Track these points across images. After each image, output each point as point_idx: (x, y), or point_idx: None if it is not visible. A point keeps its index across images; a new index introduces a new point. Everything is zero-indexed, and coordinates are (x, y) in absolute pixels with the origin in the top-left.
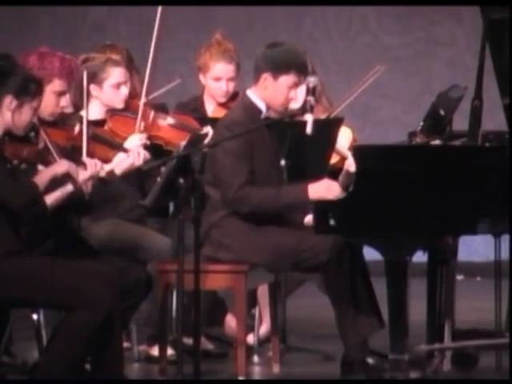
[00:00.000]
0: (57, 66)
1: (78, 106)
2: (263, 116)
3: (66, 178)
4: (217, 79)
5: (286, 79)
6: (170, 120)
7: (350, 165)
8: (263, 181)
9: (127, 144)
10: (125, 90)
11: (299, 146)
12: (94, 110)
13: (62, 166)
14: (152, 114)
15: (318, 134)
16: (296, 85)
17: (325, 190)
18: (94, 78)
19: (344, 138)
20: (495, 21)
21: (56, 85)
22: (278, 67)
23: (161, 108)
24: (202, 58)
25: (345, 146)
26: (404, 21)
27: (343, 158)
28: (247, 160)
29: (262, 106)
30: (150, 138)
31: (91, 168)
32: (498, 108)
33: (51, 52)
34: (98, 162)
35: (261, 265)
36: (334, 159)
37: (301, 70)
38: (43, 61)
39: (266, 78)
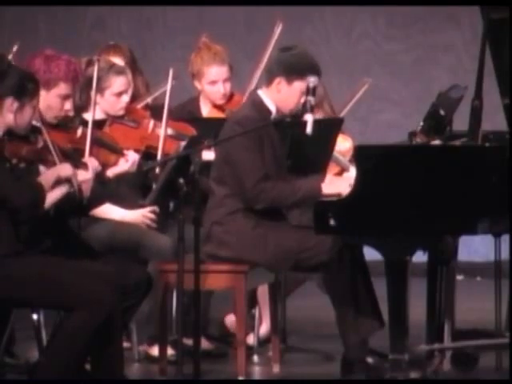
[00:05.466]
0: (63, 70)
1: (79, 108)
2: (273, 117)
3: (66, 180)
4: (213, 83)
5: (300, 84)
6: (169, 131)
7: (351, 178)
8: (270, 178)
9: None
10: (126, 98)
11: (299, 146)
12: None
13: (65, 169)
14: (151, 123)
15: (317, 134)
16: None
17: (337, 185)
18: (96, 84)
19: (343, 146)
20: (495, 21)
21: (61, 88)
22: (292, 72)
23: (160, 109)
24: (194, 64)
25: (346, 158)
26: (404, 26)
27: (343, 170)
28: (261, 155)
29: (272, 107)
30: (148, 147)
31: (92, 169)
32: (498, 109)
33: (57, 55)
34: (96, 163)
35: (261, 264)
36: (334, 170)
37: (314, 74)
38: (49, 64)
39: (280, 82)
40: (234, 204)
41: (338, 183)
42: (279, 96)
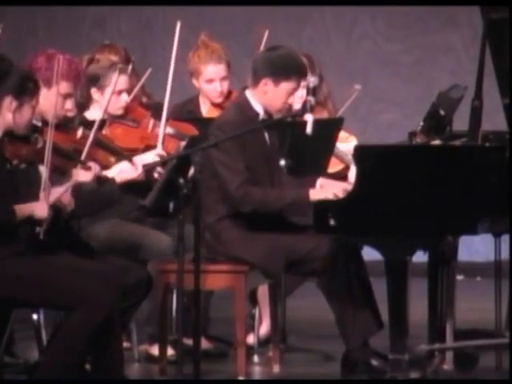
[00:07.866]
0: (65, 68)
1: (79, 105)
2: (261, 118)
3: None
4: (210, 81)
5: (287, 85)
6: (169, 130)
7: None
8: (254, 180)
9: (142, 157)
10: (125, 97)
11: (299, 146)
12: (93, 112)
13: (42, 211)
14: (151, 122)
15: (317, 133)
16: (295, 90)
17: (326, 191)
18: (97, 82)
19: (348, 146)
20: (495, 21)
21: (63, 87)
22: (279, 73)
23: (159, 108)
24: (191, 62)
25: (349, 155)
26: (404, 27)
27: (347, 167)
28: (241, 158)
29: (258, 108)
30: (148, 147)
31: (93, 170)
32: (498, 109)
33: (59, 54)
34: (97, 166)
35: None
36: (339, 167)
37: (301, 75)
38: (51, 62)
39: (266, 83)
40: (221, 210)
41: (329, 188)
42: (266, 97)
